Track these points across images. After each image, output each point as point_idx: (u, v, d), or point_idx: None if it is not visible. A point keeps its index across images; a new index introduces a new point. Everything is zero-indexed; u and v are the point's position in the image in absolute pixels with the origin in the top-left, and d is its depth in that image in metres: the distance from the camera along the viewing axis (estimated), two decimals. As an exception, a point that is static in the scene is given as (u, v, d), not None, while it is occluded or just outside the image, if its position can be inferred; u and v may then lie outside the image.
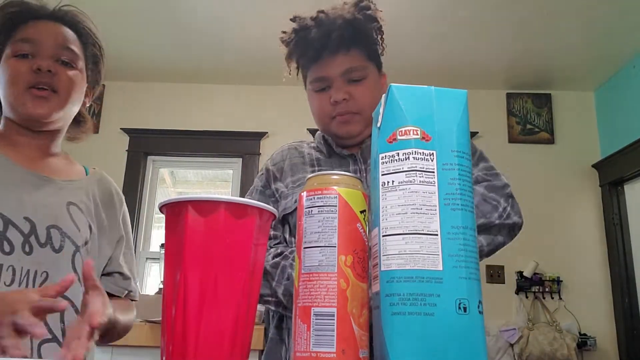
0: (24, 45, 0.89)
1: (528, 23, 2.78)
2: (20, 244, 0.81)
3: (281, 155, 1.09)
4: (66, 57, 0.91)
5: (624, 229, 3.14)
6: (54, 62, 0.89)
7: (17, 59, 0.88)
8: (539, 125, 3.50)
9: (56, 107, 0.89)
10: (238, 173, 3.56)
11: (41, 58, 0.88)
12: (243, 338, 0.44)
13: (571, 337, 2.93)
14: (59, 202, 0.90)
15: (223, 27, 2.94)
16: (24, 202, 0.85)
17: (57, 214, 0.88)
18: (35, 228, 0.84)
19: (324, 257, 0.44)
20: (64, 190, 0.92)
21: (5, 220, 0.81)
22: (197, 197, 0.43)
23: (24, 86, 0.87)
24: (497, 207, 0.93)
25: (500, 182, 0.97)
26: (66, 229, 0.88)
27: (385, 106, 0.47)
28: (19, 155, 0.91)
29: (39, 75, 0.87)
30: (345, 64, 0.96)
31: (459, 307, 0.41)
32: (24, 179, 0.88)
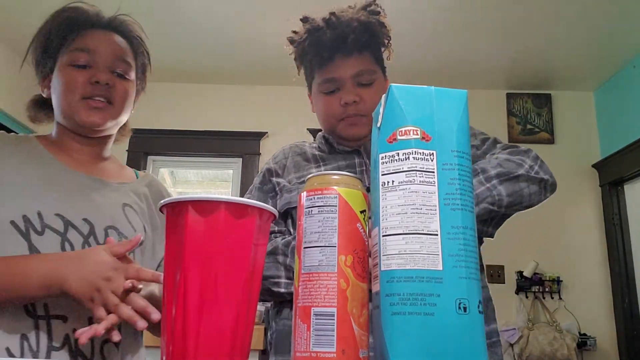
0: (81, 55, 0.90)
1: (528, 23, 2.78)
2: (80, 244, 0.83)
3: (283, 154, 1.10)
4: (121, 69, 0.93)
5: (624, 229, 3.14)
6: (111, 74, 0.91)
7: (74, 68, 0.89)
8: (539, 125, 3.50)
9: (110, 117, 0.91)
10: (238, 173, 3.56)
11: (98, 70, 0.90)
12: (243, 338, 0.44)
13: (571, 337, 2.93)
14: (114, 204, 0.92)
15: (223, 28, 2.94)
16: (82, 204, 0.87)
17: (114, 215, 0.90)
18: (94, 229, 0.86)
19: (324, 257, 0.44)
20: (118, 192, 0.95)
21: (66, 221, 0.83)
22: (197, 197, 0.43)
23: (79, 96, 0.88)
24: (523, 164, 0.90)
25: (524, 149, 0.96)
26: (123, 229, 0.90)
27: (385, 106, 0.47)
28: (73, 160, 0.93)
29: (96, 88, 0.89)
30: (357, 67, 0.98)
31: (459, 307, 0.41)
32: (80, 182, 0.90)
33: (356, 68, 0.97)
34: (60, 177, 0.89)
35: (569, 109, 3.53)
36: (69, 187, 0.88)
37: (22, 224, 0.79)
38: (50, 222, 0.81)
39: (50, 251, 0.80)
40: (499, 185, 0.86)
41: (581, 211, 3.30)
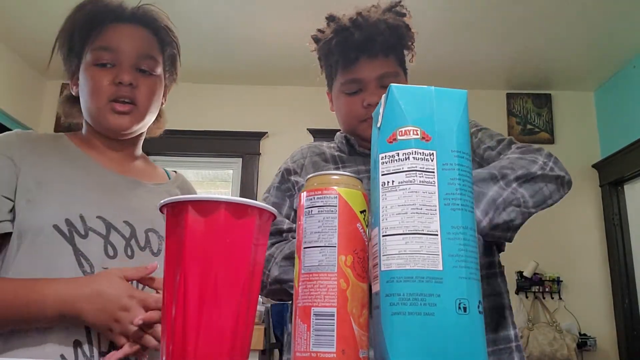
0: (104, 53, 0.86)
1: (528, 23, 2.78)
2: (122, 247, 0.82)
3: (301, 153, 1.10)
4: (146, 65, 0.89)
5: (624, 229, 3.14)
6: (135, 72, 0.87)
7: (98, 68, 0.86)
8: (539, 125, 3.50)
9: (137, 120, 0.88)
10: (238, 173, 3.56)
11: (122, 69, 0.86)
12: (243, 338, 0.44)
13: (571, 337, 2.93)
14: (151, 206, 0.89)
15: (223, 28, 2.94)
16: (122, 206, 0.85)
17: (153, 217, 0.88)
18: (135, 232, 0.84)
19: (324, 257, 0.44)
20: (153, 193, 0.93)
21: (107, 224, 0.81)
22: (197, 197, 0.43)
23: (105, 99, 0.85)
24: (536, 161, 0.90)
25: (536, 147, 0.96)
26: (162, 232, 0.87)
27: (385, 106, 0.47)
28: (107, 160, 0.91)
29: (120, 89, 0.85)
30: (381, 69, 0.97)
31: (459, 307, 0.41)
32: (117, 182, 0.89)
33: (381, 70, 0.97)
34: (98, 178, 0.87)
35: (569, 109, 3.53)
36: (108, 188, 0.86)
37: (65, 228, 0.77)
38: (93, 225, 0.80)
39: (95, 254, 0.79)
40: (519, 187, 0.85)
41: (581, 211, 3.30)
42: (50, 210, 0.77)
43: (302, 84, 3.54)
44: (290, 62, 3.28)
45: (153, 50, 0.90)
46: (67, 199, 0.80)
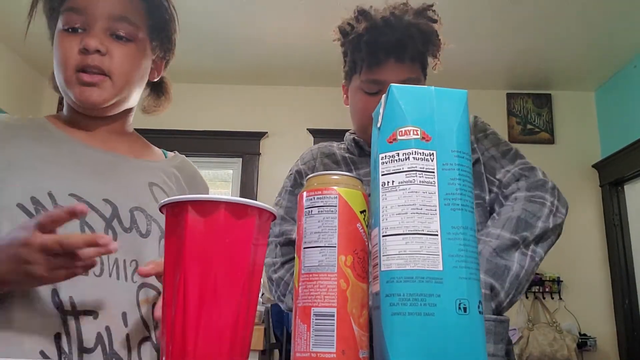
0: (73, 16, 0.75)
1: (528, 23, 2.78)
2: (102, 229, 0.72)
3: (311, 154, 1.09)
4: (122, 29, 0.76)
5: (624, 229, 3.14)
6: (107, 38, 0.75)
7: (67, 33, 0.75)
8: (539, 125, 3.50)
9: (110, 94, 0.77)
10: (238, 173, 3.56)
11: (90, 34, 0.74)
12: (243, 338, 0.44)
13: (571, 337, 2.93)
14: (140, 183, 0.80)
15: (223, 28, 2.94)
16: (102, 183, 0.75)
17: (139, 195, 0.79)
18: (117, 211, 0.74)
19: (324, 257, 0.44)
20: (144, 170, 0.83)
21: (83, 203, 0.71)
22: (197, 197, 0.43)
23: (72, 69, 0.74)
24: (544, 204, 0.91)
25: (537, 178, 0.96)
26: (150, 211, 0.78)
27: (385, 106, 0.47)
28: (89, 136, 0.81)
29: (87, 57, 0.73)
30: (407, 74, 0.97)
31: (459, 307, 0.41)
32: (98, 158, 0.79)
33: (406, 75, 0.97)
34: (75, 154, 0.77)
35: (569, 109, 3.53)
36: (86, 164, 0.77)
37: (31, 207, 0.68)
38: (64, 204, 0.70)
39: None
40: (537, 247, 0.87)
41: (581, 211, 3.30)
42: (15, 189, 0.69)
43: (302, 84, 3.54)
44: (290, 62, 3.28)
45: (132, 13, 0.78)
46: (34, 176, 0.71)
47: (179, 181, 0.89)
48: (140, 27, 0.79)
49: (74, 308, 0.67)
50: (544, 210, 0.90)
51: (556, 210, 0.91)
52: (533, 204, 0.91)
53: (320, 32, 3.03)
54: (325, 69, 3.35)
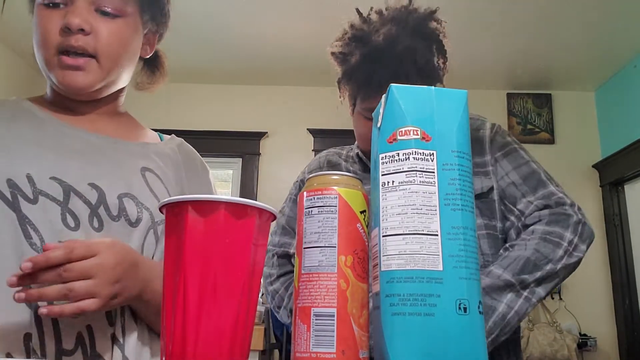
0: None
1: (528, 23, 2.78)
2: (87, 216, 0.65)
3: (318, 163, 1.09)
4: (108, 4, 0.69)
5: (625, 229, 3.14)
6: (92, 14, 0.68)
7: (47, 8, 0.67)
8: (540, 125, 3.50)
9: (97, 77, 0.70)
10: (238, 173, 3.56)
11: (72, 9, 0.66)
12: (243, 338, 0.44)
13: (571, 337, 2.93)
14: (130, 167, 0.73)
15: (223, 28, 2.94)
16: (87, 166, 0.68)
17: (130, 180, 0.71)
18: (104, 197, 0.67)
19: (324, 258, 0.44)
20: (135, 154, 0.76)
21: (66, 187, 0.65)
22: (197, 197, 0.43)
23: (53, 50, 0.67)
24: (560, 244, 0.86)
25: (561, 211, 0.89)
26: (142, 197, 0.71)
27: (385, 106, 0.47)
28: (76, 117, 0.74)
29: (69, 37, 0.66)
30: None
31: (459, 308, 0.41)
32: (85, 140, 0.72)
33: None
34: (58, 136, 0.70)
35: (569, 109, 3.53)
36: (69, 146, 0.70)
37: (7, 191, 0.62)
38: (44, 188, 0.63)
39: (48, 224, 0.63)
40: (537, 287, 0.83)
41: (581, 211, 3.30)
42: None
43: (302, 84, 3.54)
44: (291, 62, 3.28)
45: None
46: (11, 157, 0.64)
47: (177, 165, 0.82)
48: (129, 0, 0.72)
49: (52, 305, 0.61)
50: (557, 252, 0.85)
51: (574, 249, 0.86)
52: (547, 243, 0.85)
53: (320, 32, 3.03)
54: (325, 69, 3.34)
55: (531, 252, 0.85)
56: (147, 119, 0.98)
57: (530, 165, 0.95)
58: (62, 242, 0.57)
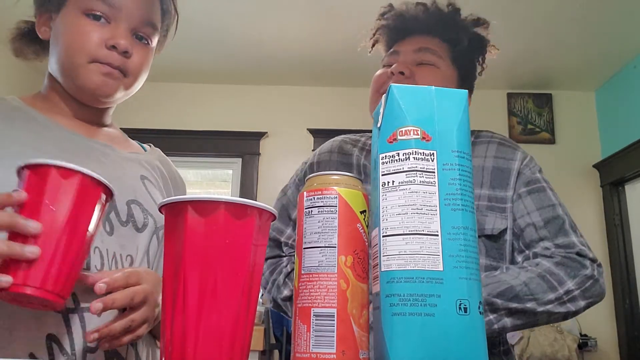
0: (100, 4, 0.71)
1: (529, 23, 2.78)
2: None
3: (330, 146, 1.03)
4: (146, 32, 0.76)
5: (625, 229, 3.13)
6: (130, 37, 0.74)
7: (88, 19, 0.71)
8: (540, 125, 3.50)
9: (122, 90, 0.75)
10: (238, 173, 3.56)
11: (119, 31, 0.72)
12: (243, 338, 0.44)
13: (572, 338, 2.93)
14: (132, 175, 0.77)
15: (223, 28, 2.94)
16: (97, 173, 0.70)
17: (135, 188, 0.75)
18: (114, 203, 0.71)
19: (324, 258, 0.44)
20: (133, 162, 0.80)
21: None
22: (196, 197, 0.43)
23: (88, 58, 0.71)
24: (556, 289, 0.78)
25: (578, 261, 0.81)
26: (146, 204, 0.75)
27: (385, 106, 0.47)
28: (72, 123, 0.76)
29: (111, 54, 0.71)
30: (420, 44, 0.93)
31: (459, 308, 0.41)
32: (88, 146, 0.74)
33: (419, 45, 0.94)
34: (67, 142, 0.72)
35: (569, 108, 3.53)
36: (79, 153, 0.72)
37: None
38: None
39: None
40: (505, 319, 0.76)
41: (582, 211, 3.30)
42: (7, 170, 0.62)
43: (302, 84, 3.54)
44: (290, 62, 3.28)
45: (156, 17, 0.77)
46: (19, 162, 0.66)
47: (163, 174, 0.86)
48: (157, 32, 0.79)
49: (77, 305, 0.64)
50: (547, 296, 0.77)
51: (569, 300, 0.78)
52: (542, 282, 0.77)
53: (320, 33, 3.04)
54: (325, 69, 3.35)
55: (520, 283, 0.77)
56: (149, 120, 0.98)
57: (556, 209, 0.86)
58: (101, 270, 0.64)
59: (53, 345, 0.62)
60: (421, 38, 0.93)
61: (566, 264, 0.80)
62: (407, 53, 0.92)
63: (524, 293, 0.76)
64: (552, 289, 0.77)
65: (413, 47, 0.92)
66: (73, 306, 0.64)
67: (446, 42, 0.94)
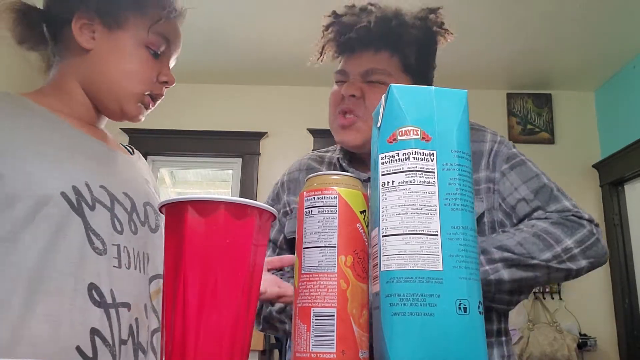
0: (162, 42, 0.78)
1: (528, 23, 2.78)
2: (126, 222, 0.73)
3: (299, 164, 1.02)
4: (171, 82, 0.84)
5: (625, 229, 3.14)
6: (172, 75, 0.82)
7: (149, 52, 0.77)
8: (540, 125, 3.50)
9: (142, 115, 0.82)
10: (238, 173, 3.56)
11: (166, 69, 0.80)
12: (243, 338, 0.44)
13: (571, 337, 2.93)
14: (139, 178, 0.82)
15: (223, 27, 2.94)
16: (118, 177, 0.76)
17: (146, 190, 0.80)
18: (135, 205, 0.76)
19: (324, 258, 0.44)
20: (135, 166, 0.85)
21: (111, 195, 0.72)
22: (196, 197, 0.43)
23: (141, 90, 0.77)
24: (553, 246, 0.75)
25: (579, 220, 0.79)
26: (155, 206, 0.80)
27: (385, 106, 0.47)
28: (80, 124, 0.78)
29: (156, 86, 0.79)
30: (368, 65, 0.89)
31: (459, 308, 0.41)
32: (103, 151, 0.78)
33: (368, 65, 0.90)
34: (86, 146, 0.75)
35: (569, 109, 3.53)
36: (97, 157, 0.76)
37: (73, 197, 0.66)
38: (98, 195, 0.70)
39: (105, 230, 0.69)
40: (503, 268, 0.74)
41: (581, 211, 3.30)
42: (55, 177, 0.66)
43: (302, 83, 3.54)
44: (290, 62, 3.28)
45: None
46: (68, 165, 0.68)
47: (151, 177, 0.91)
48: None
49: (114, 300, 0.68)
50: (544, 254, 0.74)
51: (568, 258, 0.75)
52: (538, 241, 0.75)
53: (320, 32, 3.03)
54: (325, 69, 3.34)
55: (514, 243, 0.75)
56: (149, 120, 0.99)
57: (541, 178, 0.86)
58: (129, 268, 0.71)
59: (95, 339, 0.65)
60: (368, 56, 0.89)
61: (562, 224, 0.78)
62: (355, 75, 0.90)
63: (520, 253, 0.74)
64: (549, 247, 0.75)
65: (360, 69, 0.89)
66: (111, 301, 0.68)
67: (395, 54, 0.90)
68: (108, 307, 0.67)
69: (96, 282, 0.66)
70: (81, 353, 0.63)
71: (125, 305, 0.69)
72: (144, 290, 0.74)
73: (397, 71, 0.90)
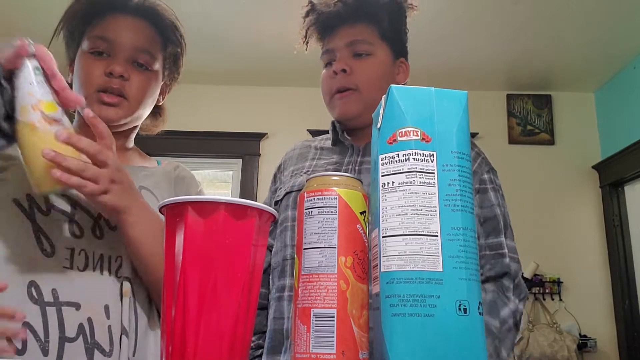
0: (100, 42, 0.84)
1: (528, 23, 2.78)
2: (89, 228, 0.78)
3: (294, 145, 1.12)
4: (142, 59, 0.87)
5: (624, 230, 3.14)
6: (129, 65, 0.85)
7: (93, 56, 0.85)
8: (539, 126, 3.50)
9: (125, 114, 0.86)
10: (238, 174, 3.55)
11: (116, 60, 0.84)
12: (242, 339, 0.44)
13: (571, 338, 2.93)
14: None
15: (223, 28, 2.94)
16: None
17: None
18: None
19: (324, 258, 0.44)
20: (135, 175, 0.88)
21: (73, 202, 0.78)
22: (196, 197, 0.43)
23: (94, 88, 0.83)
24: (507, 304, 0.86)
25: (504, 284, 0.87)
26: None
27: (385, 107, 0.47)
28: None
29: (110, 80, 0.83)
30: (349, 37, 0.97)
31: (459, 309, 0.41)
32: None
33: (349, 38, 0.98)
34: None
35: (569, 109, 3.53)
36: None
37: (25, 203, 0.75)
38: (55, 202, 0.77)
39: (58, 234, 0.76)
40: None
41: (581, 212, 3.30)
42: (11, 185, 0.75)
43: (302, 84, 3.54)
44: (290, 63, 3.28)
45: (152, 46, 0.89)
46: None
47: (171, 183, 0.94)
48: (157, 58, 0.90)
49: (56, 299, 0.72)
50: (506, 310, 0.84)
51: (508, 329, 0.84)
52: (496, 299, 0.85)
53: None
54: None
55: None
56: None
57: (494, 209, 0.91)
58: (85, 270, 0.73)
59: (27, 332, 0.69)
60: (348, 29, 0.97)
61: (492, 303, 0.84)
62: (340, 49, 0.98)
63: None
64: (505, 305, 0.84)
65: (344, 41, 0.97)
66: (52, 300, 0.72)
67: (371, 24, 0.98)
68: (46, 305, 0.71)
69: (37, 280, 0.72)
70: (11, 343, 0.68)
71: (72, 305, 0.73)
72: (106, 291, 0.76)
73: (375, 39, 0.99)
